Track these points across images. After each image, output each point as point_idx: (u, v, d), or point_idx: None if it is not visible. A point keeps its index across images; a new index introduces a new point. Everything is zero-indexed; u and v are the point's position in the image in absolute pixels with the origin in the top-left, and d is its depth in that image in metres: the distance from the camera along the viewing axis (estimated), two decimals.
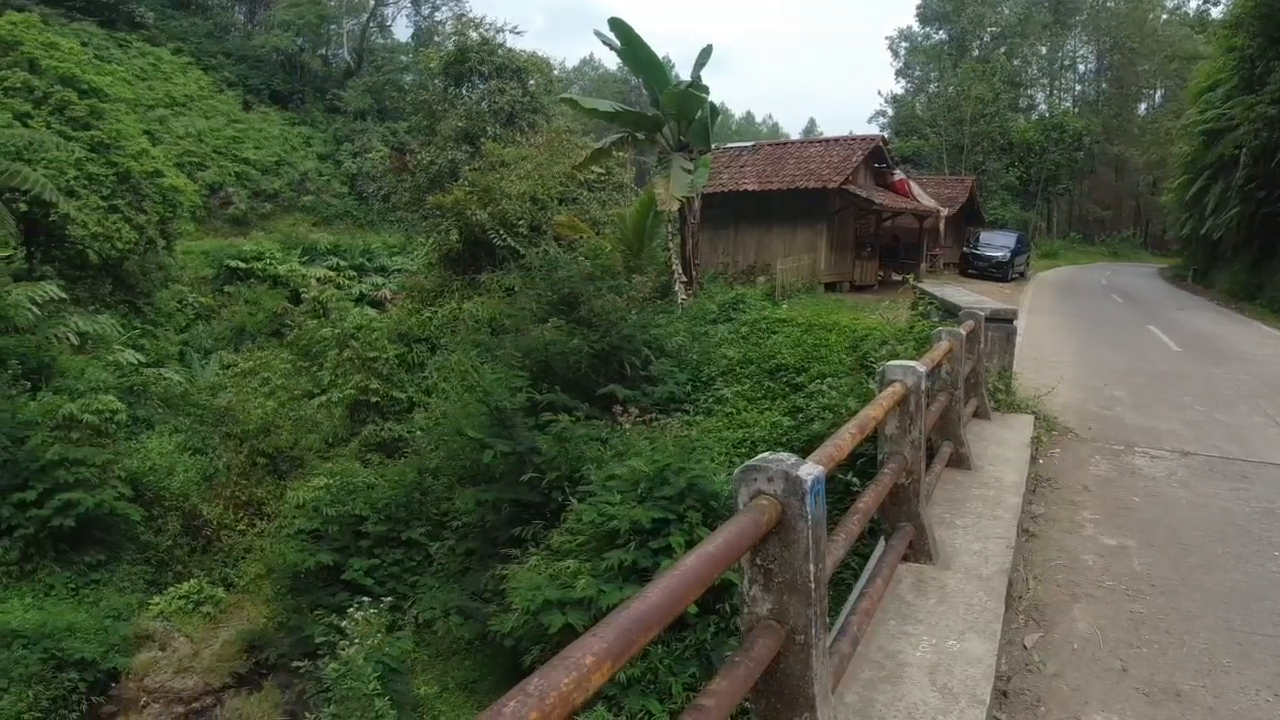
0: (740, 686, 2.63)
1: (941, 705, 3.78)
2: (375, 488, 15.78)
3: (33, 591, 15.31)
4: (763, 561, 2.91)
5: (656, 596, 2.03)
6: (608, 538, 11.33)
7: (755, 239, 27.52)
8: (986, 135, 60.35)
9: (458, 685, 12.92)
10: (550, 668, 1.68)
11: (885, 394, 4.92)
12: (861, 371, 13.81)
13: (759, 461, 2.87)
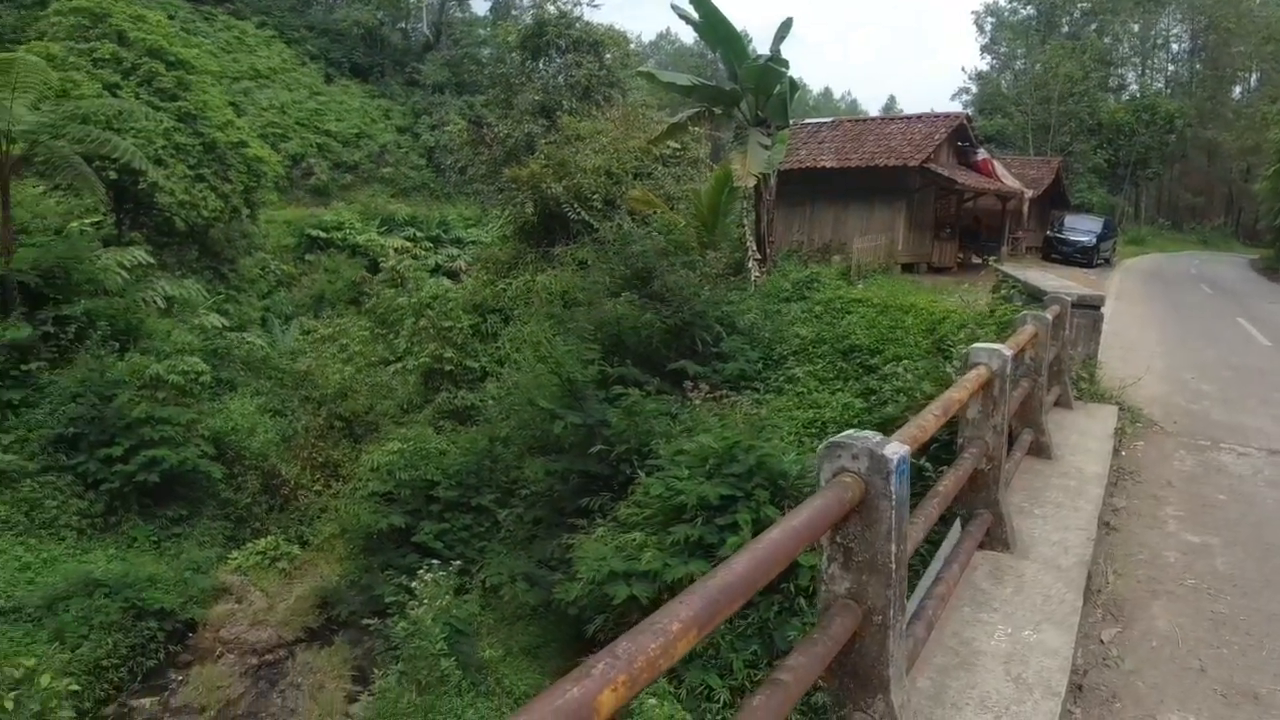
0: (817, 664, 2.62)
1: (1015, 695, 3.72)
2: (447, 454, 16.08)
3: (116, 543, 15.99)
4: (843, 540, 2.89)
5: (742, 568, 2.03)
6: (674, 512, 11.37)
7: (831, 217, 27.11)
8: (1074, 115, 58.27)
9: (521, 650, 13.16)
10: (638, 632, 1.69)
11: (969, 377, 4.82)
12: (938, 355, 13.56)
13: (844, 438, 2.84)
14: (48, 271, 18.51)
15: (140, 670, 13.93)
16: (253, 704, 13.41)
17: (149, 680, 13.89)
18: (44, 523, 15.69)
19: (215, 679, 13.73)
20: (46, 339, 17.89)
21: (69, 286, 18.83)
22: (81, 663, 12.92)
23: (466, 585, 13.41)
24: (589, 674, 1.54)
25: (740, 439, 11.54)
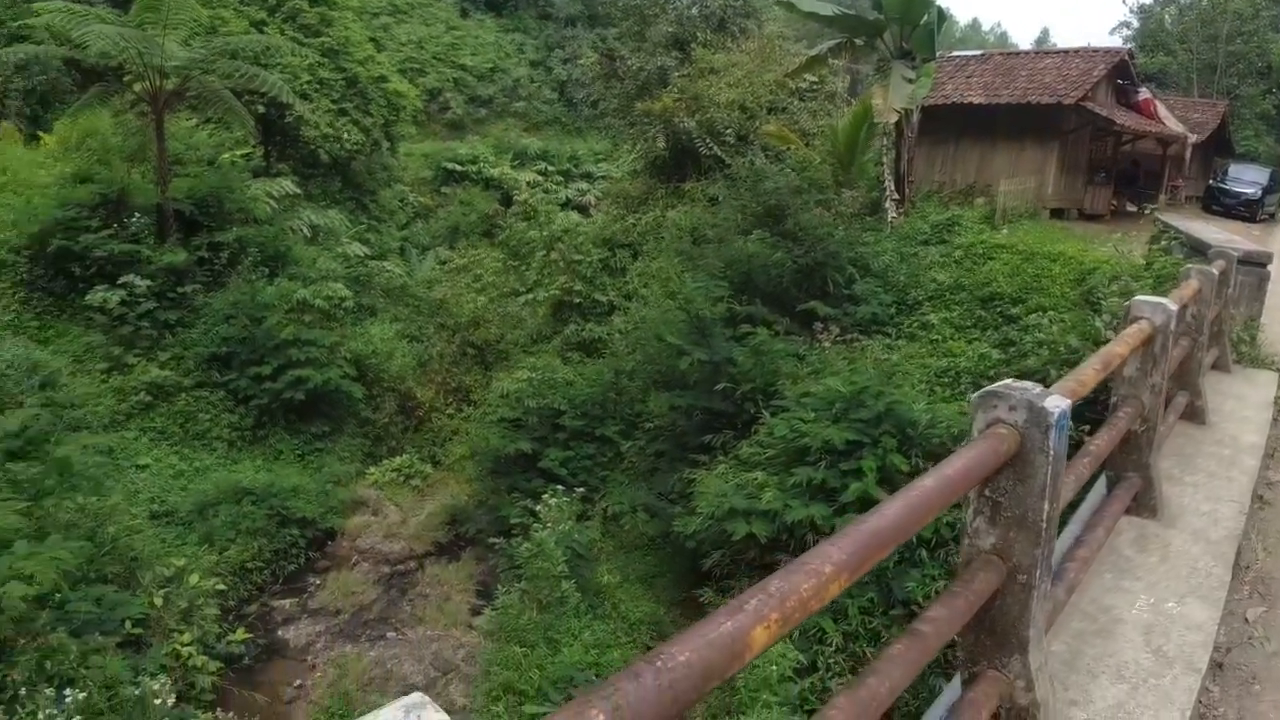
0: (958, 617, 2.57)
1: (1154, 668, 3.58)
2: (574, 384, 16.41)
3: (263, 455, 17.06)
4: (991, 493, 2.79)
5: (894, 514, 1.99)
6: (798, 454, 11.31)
7: (977, 157, 25.84)
8: (1242, 56, 53.32)
9: (638, 577, 13.46)
10: (790, 572, 1.69)
11: (1130, 331, 4.56)
12: (1086, 308, 12.90)
13: (1001, 388, 2.73)
14: (202, 200, 19.54)
15: (281, 573, 14.94)
16: (384, 610, 14.20)
17: (289, 583, 14.89)
18: (197, 434, 16.86)
19: (350, 584, 14.60)
20: (201, 264, 18.97)
21: (221, 215, 19.85)
22: (228, 564, 13.91)
23: (588, 512, 13.74)
24: (742, 609, 1.54)
25: (869, 384, 11.33)
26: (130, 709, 8.29)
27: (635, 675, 1.31)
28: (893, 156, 20.64)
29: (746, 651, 1.49)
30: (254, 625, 13.36)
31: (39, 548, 8.77)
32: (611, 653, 11.61)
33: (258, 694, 12.08)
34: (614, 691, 1.27)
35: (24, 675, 7.61)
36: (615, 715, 1.24)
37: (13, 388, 13.83)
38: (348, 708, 11.54)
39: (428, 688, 12.15)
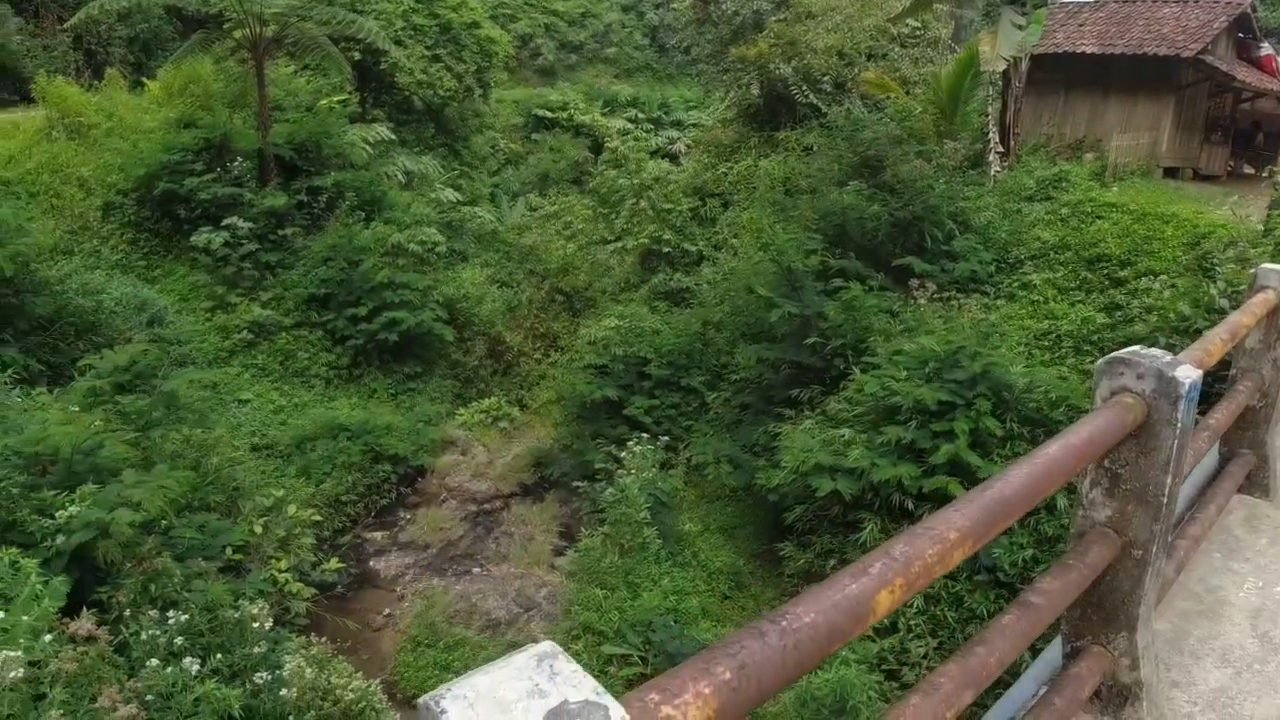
0: (1071, 590, 2.49)
1: (1260, 654, 3.43)
2: (660, 334, 16.42)
3: (358, 393, 17.60)
4: (1111, 465, 2.69)
5: (1019, 482, 1.93)
6: (887, 413, 11.16)
7: (1087, 110, 24.61)
8: None
9: (718, 527, 13.54)
10: (914, 536, 1.65)
11: (1255, 300, 4.30)
12: (1199, 274, 12.29)
13: (1128, 354, 2.61)
14: (300, 146, 19.97)
15: (374, 507, 15.47)
16: (470, 546, 14.61)
17: (381, 516, 15.42)
18: (296, 372, 17.48)
19: (438, 520, 15.03)
20: (300, 207, 19.45)
21: (319, 160, 20.28)
22: (323, 496, 14.44)
23: (671, 461, 13.85)
24: (866, 571, 1.51)
25: (965, 344, 11.07)
26: (230, 631, 8.63)
27: (760, 634, 1.30)
28: (998, 107, 19.80)
29: (870, 615, 1.47)
30: (346, 555, 13.90)
31: (146, 477, 9.15)
32: (690, 600, 11.76)
33: (349, 621, 12.60)
34: (740, 649, 1.26)
35: (129, 598, 7.97)
36: (740, 673, 1.23)
37: (122, 324, 14.51)
38: (434, 638, 11.98)
39: (510, 623, 12.51)
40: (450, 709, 1.01)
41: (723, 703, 1.19)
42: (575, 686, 1.04)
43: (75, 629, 6.03)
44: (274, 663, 8.48)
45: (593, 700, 1.01)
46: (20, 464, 8.42)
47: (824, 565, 11.10)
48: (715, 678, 1.20)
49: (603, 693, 1.03)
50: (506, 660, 1.11)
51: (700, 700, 1.16)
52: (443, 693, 1.05)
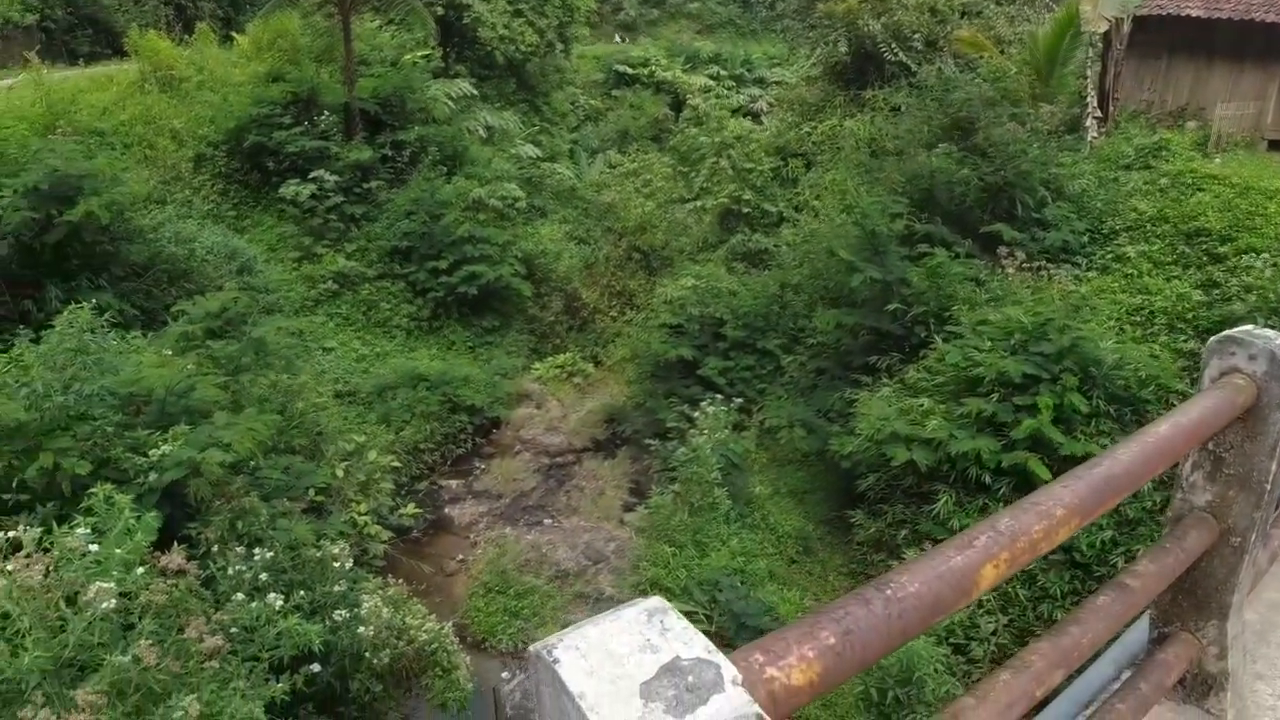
0: (1167, 575, 2.43)
1: None
2: (737, 295, 16.31)
3: (437, 345, 17.98)
4: (1215, 448, 2.58)
5: (1128, 460, 1.87)
6: (969, 384, 10.94)
7: (1190, 76, 23.37)
8: None
9: (788, 491, 13.51)
10: (1020, 510, 1.61)
11: None
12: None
13: (1240, 333, 2.49)
14: (385, 100, 20.22)
15: (450, 456, 15.82)
16: (542, 497, 14.85)
17: (456, 465, 15.77)
18: (378, 322, 17.91)
19: (512, 471, 15.31)
20: (384, 161, 19.75)
21: (403, 114, 20.51)
22: (403, 443, 14.83)
23: (744, 423, 13.81)
24: (972, 544, 1.49)
25: (1054, 317, 10.76)
26: (311, 569, 8.95)
27: (865, 601, 1.29)
28: (1097, 70, 18.95)
29: (974, 588, 1.45)
30: (423, 501, 14.28)
31: (236, 419, 9.46)
32: (758, 562, 11.80)
33: (423, 565, 12.98)
34: (845, 615, 1.26)
35: (217, 534, 8.30)
36: (845, 639, 1.23)
37: (212, 272, 14.98)
38: (504, 585, 12.26)
39: (578, 575, 12.72)
40: (564, 659, 1.02)
41: (826, 667, 1.19)
42: (686, 644, 1.04)
43: (165, 562, 6.26)
44: (352, 601, 8.80)
45: (704, 658, 1.02)
46: (116, 404, 8.75)
47: (895, 535, 11.00)
48: (820, 642, 1.20)
49: (714, 650, 1.03)
50: (616, 614, 1.12)
51: (804, 663, 1.16)
52: (554, 642, 1.06)
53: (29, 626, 4.90)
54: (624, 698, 0.96)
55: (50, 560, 5.27)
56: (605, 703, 0.95)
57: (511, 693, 10.97)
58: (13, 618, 4.93)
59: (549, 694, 1.04)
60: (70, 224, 12.28)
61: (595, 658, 1.02)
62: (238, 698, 5.94)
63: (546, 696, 1.05)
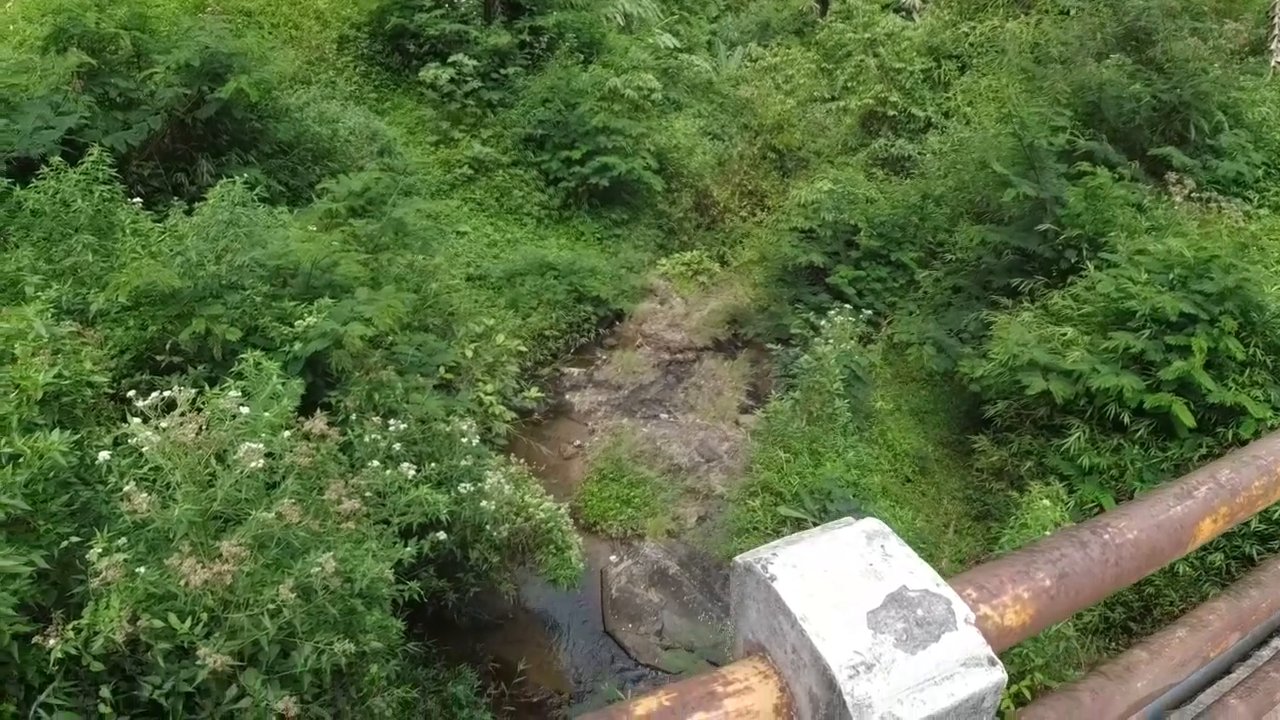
0: None
1: None
2: (875, 203, 15.75)
3: (566, 234, 18.09)
4: None
5: None
6: (1118, 317, 10.39)
7: None
8: None
9: (910, 409, 13.26)
10: (1240, 464, 1.51)
11: None
12: None
13: None
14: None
15: (573, 344, 16.09)
16: (660, 392, 15.01)
17: (579, 354, 16.04)
18: (510, 209, 18.11)
19: (632, 364, 15.48)
20: (522, 47, 19.54)
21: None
22: (529, 329, 15.17)
23: (871, 336, 13.52)
24: (1191, 494, 1.40)
25: (1219, 254, 10.04)
26: (440, 443, 9.33)
27: (1082, 544, 1.24)
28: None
29: (1190, 541, 1.37)
30: (545, 386, 14.64)
31: (376, 295, 9.77)
32: (872, 477, 11.72)
33: (543, 447, 13.40)
34: (1061, 557, 1.21)
35: (355, 404, 8.69)
36: (1060, 582, 1.18)
37: (354, 152, 15.34)
38: (618, 473, 12.55)
39: (691, 470, 12.91)
40: (781, 576, 1.00)
41: (1039, 610, 1.15)
42: (912, 572, 1.01)
43: (309, 427, 6.58)
44: (476, 476, 9.16)
45: (933, 591, 0.98)
46: (264, 275, 9.11)
47: (1019, 466, 10.70)
48: (1035, 583, 1.16)
49: (941, 583, 1.00)
50: (829, 533, 1.09)
51: (1018, 604, 1.13)
52: (768, 557, 1.03)
53: (180, 480, 5.24)
54: (850, 626, 0.93)
55: (202, 420, 5.59)
56: (831, 629, 0.93)
57: (618, 576, 11.36)
58: (164, 471, 5.27)
59: (759, 609, 1.02)
60: (220, 101, 12.67)
61: (815, 578, 1.00)
62: (369, 558, 6.30)
63: (754, 611, 1.03)
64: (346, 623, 6.06)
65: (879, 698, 0.90)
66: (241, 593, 5.08)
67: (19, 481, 4.45)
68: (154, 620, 4.69)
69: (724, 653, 10.22)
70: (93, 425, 5.84)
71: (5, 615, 4.11)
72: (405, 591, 7.00)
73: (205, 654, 4.70)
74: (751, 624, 1.05)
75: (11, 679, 4.51)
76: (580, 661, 10.39)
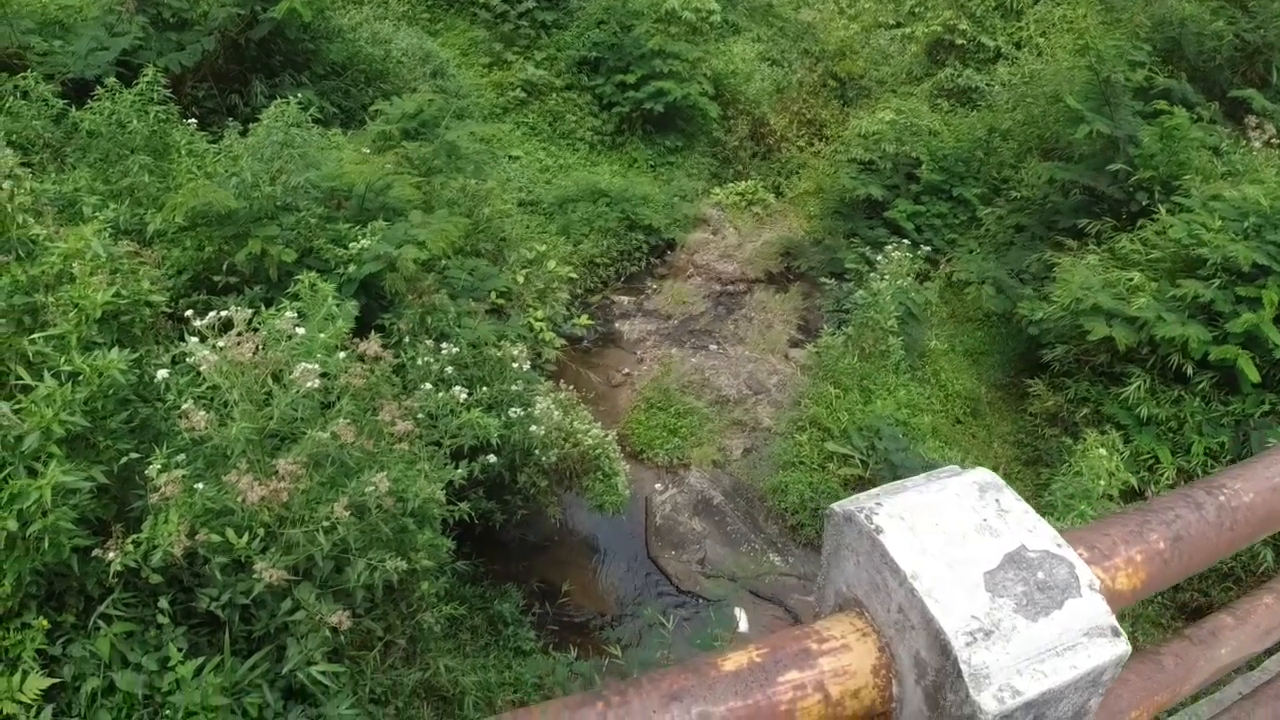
0: None
1: None
2: (938, 135, 15.26)
3: (619, 161, 17.78)
4: None
5: None
6: (1188, 264, 10.07)
7: None
8: None
9: (965, 350, 13.05)
10: None
11: None
12: None
13: None
14: None
15: (624, 273, 15.96)
16: (709, 323, 14.91)
17: (629, 283, 15.93)
18: (563, 133, 17.84)
19: (683, 294, 15.37)
20: None
21: None
22: (580, 257, 15.04)
23: (929, 273, 13.22)
24: None
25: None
26: (491, 367, 9.39)
27: (1196, 505, 1.16)
28: None
29: None
30: (595, 314, 14.63)
31: (429, 219, 9.75)
32: (922, 416, 11.60)
33: (592, 374, 13.45)
34: (1175, 518, 1.13)
35: (409, 326, 8.74)
36: (1174, 545, 1.11)
37: (407, 74, 15.15)
38: (665, 403, 12.57)
39: (738, 402, 12.87)
40: (887, 528, 0.94)
41: (1151, 575, 1.08)
42: (1031, 530, 0.94)
43: (363, 349, 6.60)
44: (526, 401, 9.21)
45: (1054, 552, 0.92)
46: (319, 197, 9.14)
47: (1075, 412, 10.49)
48: (1149, 546, 1.09)
49: (1063, 544, 0.93)
50: (938, 481, 1.02)
51: (1131, 568, 1.06)
52: (871, 506, 0.96)
53: (236, 399, 5.30)
54: (967, 587, 0.87)
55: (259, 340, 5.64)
56: (945, 590, 0.87)
57: (662, 504, 11.46)
58: (222, 390, 5.33)
59: (858, 561, 0.96)
60: (273, 20, 12.56)
61: (926, 534, 0.93)
62: (422, 479, 6.38)
63: (852, 563, 0.97)
64: (398, 541, 6.17)
65: (997, 667, 0.84)
66: (297, 509, 5.17)
67: (79, 399, 4.52)
68: (212, 535, 4.80)
69: (765, 584, 10.31)
70: (151, 344, 5.91)
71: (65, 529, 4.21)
72: (455, 512, 7.12)
73: (261, 568, 4.81)
74: (848, 576, 1.00)
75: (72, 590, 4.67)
76: (622, 585, 10.56)
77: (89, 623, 4.70)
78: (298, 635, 5.25)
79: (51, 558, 4.20)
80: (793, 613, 10.14)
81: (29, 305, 4.95)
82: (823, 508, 10.89)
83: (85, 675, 4.42)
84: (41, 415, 4.26)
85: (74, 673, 4.42)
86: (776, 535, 11.00)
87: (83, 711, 4.32)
